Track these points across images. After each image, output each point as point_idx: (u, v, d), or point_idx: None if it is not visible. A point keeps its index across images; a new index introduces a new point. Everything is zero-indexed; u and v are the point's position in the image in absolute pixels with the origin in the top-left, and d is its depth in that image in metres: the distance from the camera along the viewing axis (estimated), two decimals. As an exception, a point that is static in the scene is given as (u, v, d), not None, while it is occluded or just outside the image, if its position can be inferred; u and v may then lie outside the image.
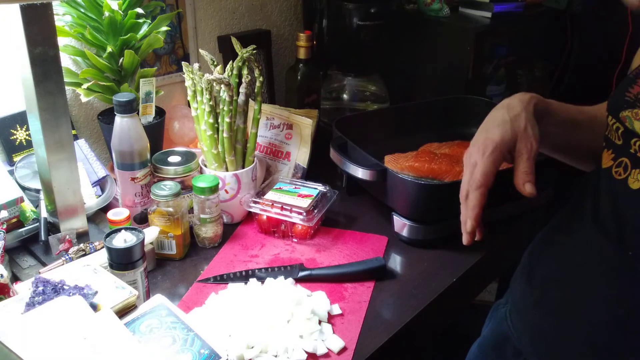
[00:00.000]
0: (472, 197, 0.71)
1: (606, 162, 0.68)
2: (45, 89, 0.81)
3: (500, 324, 0.86)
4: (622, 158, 0.65)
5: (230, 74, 1.03)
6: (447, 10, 1.45)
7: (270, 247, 1.00)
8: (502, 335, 0.85)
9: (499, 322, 0.87)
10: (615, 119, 0.67)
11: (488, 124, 0.74)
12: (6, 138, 1.02)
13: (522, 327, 0.80)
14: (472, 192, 0.71)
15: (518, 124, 0.72)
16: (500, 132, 0.71)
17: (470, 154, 0.74)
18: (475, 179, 0.71)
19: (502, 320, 0.86)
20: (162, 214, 0.91)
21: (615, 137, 0.67)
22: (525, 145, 0.71)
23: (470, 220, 0.71)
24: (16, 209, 0.92)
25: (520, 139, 0.71)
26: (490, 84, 1.58)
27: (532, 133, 0.71)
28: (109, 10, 0.96)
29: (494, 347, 0.88)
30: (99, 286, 0.73)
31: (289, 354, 0.75)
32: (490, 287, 1.77)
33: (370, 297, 0.88)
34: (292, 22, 1.50)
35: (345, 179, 1.17)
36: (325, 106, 1.42)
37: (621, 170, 0.64)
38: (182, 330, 0.70)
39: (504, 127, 0.72)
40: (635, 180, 0.62)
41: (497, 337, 0.87)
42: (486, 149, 0.71)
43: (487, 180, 0.70)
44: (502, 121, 0.73)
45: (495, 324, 0.89)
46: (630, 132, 0.64)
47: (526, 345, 0.79)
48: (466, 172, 0.73)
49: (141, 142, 0.93)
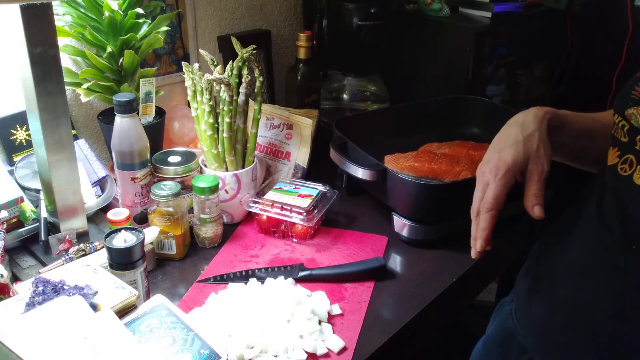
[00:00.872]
0: (483, 219, 0.73)
1: (612, 159, 0.69)
2: (45, 89, 0.81)
3: (506, 321, 0.87)
4: (628, 155, 0.66)
5: (230, 74, 1.03)
6: (447, 10, 1.45)
7: (270, 247, 1.00)
8: (507, 332, 0.86)
9: (505, 319, 0.88)
10: (621, 117, 0.68)
11: (501, 143, 0.76)
12: (6, 138, 1.02)
13: (527, 323, 0.80)
14: (484, 213, 0.73)
15: (531, 145, 0.73)
16: (512, 154, 0.73)
17: (483, 172, 0.76)
18: (487, 201, 0.73)
19: (508, 317, 0.86)
20: (162, 214, 0.91)
21: (621, 134, 0.67)
22: (537, 166, 0.72)
23: (480, 241, 0.73)
24: (16, 209, 0.92)
25: (532, 160, 0.73)
26: (490, 84, 1.58)
27: (544, 154, 0.73)
28: (109, 10, 0.96)
29: (499, 344, 0.88)
30: (99, 286, 0.73)
31: (289, 354, 0.75)
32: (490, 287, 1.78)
33: (370, 297, 0.88)
34: (292, 22, 1.50)
35: (345, 179, 1.17)
36: (325, 106, 1.42)
37: (626, 166, 0.65)
38: (182, 330, 0.70)
39: (516, 147, 0.73)
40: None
41: (502, 334, 0.88)
42: (498, 171, 0.73)
43: (498, 204, 0.72)
44: (515, 141, 0.74)
45: (500, 321, 0.90)
46: (636, 129, 0.64)
47: (531, 342, 0.80)
48: (478, 189, 0.75)
49: (141, 142, 0.93)
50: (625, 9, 1.59)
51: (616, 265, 0.66)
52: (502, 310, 0.91)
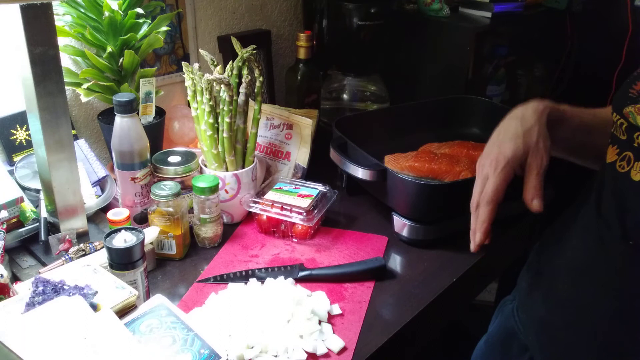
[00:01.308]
0: (482, 212, 0.74)
1: (611, 156, 0.69)
2: (45, 89, 0.81)
3: (508, 320, 0.87)
4: (626, 152, 0.66)
5: (230, 74, 1.03)
6: (447, 10, 1.45)
7: (270, 247, 1.00)
8: (508, 331, 0.86)
9: (506, 318, 0.88)
10: (619, 115, 0.68)
11: (501, 136, 0.76)
12: (6, 138, 1.02)
13: (528, 322, 0.81)
14: (483, 206, 0.74)
15: (530, 138, 0.74)
16: (512, 148, 0.74)
17: (482, 166, 0.76)
18: (486, 193, 0.74)
19: (509, 316, 0.87)
20: (162, 214, 0.91)
21: (620, 132, 0.68)
22: (536, 160, 0.73)
23: (479, 233, 0.74)
24: (16, 209, 0.92)
25: (532, 154, 0.73)
26: (490, 84, 1.58)
27: (543, 147, 0.73)
28: (109, 10, 0.96)
29: (501, 342, 0.89)
30: (99, 286, 0.73)
31: (289, 354, 0.75)
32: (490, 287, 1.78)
33: (370, 297, 0.88)
34: (292, 22, 1.51)
35: (345, 179, 1.17)
36: (325, 106, 1.42)
37: (624, 163, 0.66)
38: (182, 330, 0.70)
39: (516, 141, 0.74)
40: (638, 172, 0.64)
41: (504, 332, 0.88)
42: (498, 165, 0.73)
43: (497, 197, 0.73)
44: (514, 135, 0.75)
45: (502, 320, 0.90)
46: (634, 126, 0.65)
47: (532, 340, 0.80)
48: (478, 182, 0.76)
49: (141, 142, 0.93)
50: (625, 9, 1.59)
51: (615, 262, 0.67)
52: (504, 309, 0.92)
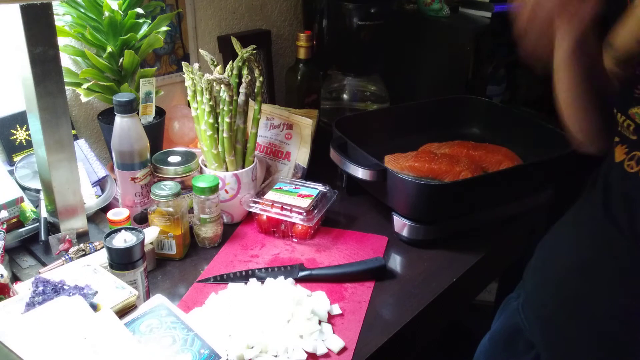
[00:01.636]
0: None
1: (619, 156, 0.70)
2: (45, 89, 0.81)
3: (512, 317, 0.87)
4: (635, 152, 0.67)
5: (230, 74, 1.03)
6: (447, 10, 1.45)
7: (270, 247, 1.00)
8: (513, 328, 0.86)
9: (511, 315, 0.88)
10: (624, 116, 0.68)
11: None
12: (6, 138, 1.02)
13: (535, 319, 0.81)
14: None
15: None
16: None
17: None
18: None
19: (515, 313, 0.87)
20: (162, 214, 0.91)
21: (629, 132, 0.68)
22: None
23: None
24: (16, 209, 0.92)
25: None
26: (490, 84, 1.58)
27: None
28: (109, 10, 0.96)
29: (506, 340, 0.89)
30: (99, 286, 0.73)
31: (289, 354, 0.75)
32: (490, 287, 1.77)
33: (370, 297, 0.88)
34: (292, 22, 1.50)
35: (345, 179, 1.17)
36: (325, 106, 1.42)
37: (633, 163, 0.66)
38: (182, 330, 0.70)
39: None
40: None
41: (508, 330, 0.88)
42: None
43: None
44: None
45: (506, 317, 0.90)
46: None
47: (537, 337, 0.80)
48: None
49: (141, 142, 0.93)
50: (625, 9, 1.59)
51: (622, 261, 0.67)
52: (508, 306, 0.91)
